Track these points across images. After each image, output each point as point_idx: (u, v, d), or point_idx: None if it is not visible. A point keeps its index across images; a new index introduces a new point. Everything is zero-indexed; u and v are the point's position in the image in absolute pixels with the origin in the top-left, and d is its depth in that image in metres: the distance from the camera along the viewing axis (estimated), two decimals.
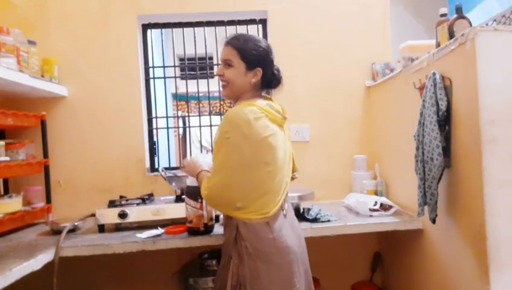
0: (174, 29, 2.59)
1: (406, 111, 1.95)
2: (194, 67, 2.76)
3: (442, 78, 1.53)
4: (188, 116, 3.19)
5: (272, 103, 1.55)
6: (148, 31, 2.58)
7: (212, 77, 2.69)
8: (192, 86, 2.64)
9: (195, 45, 2.60)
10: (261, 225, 1.43)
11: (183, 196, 1.86)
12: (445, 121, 1.52)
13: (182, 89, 2.84)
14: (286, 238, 1.45)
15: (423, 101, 1.58)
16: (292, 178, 1.67)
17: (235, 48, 1.48)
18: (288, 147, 1.57)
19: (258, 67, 1.48)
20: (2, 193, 2.24)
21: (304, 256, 1.56)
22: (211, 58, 2.77)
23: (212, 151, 1.61)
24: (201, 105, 2.82)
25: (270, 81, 1.54)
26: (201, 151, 2.86)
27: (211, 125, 2.66)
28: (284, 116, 1.54)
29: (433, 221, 1.57)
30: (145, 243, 1.73)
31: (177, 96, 4.14)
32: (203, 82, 2.63)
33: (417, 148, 1.62)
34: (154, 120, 2.60)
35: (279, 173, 1.46)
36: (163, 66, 2.72)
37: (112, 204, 2.00)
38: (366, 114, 2.53)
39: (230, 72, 1.49)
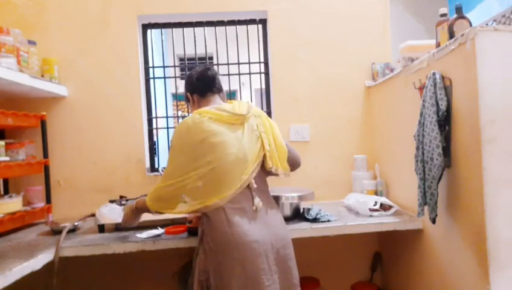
0: (174, 29, 2.59)
1: (406, 111, 1.95)
2: (194, 67, 2.74)
3: (442, 78, 1.52)
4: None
5: (223, 105, 1.59)
6: (148, 31, 2.58)
7: None
8: None
9: (195, 45, 2.60)
10: (218, 218, 1.45)
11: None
12: (445, 121, 1.52)
13: (182, 89, 2.83)
14: (248, 233, 1.43)
15: (423, 101, 1.58)
16: (273, 174, 1.59)
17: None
18: (244, 145, 1.50)
19: (186, 93, 1.74)
20: (2, 193, 2.24)
21: (281, 256, 1.51)
22: (211, 58, 2.77)
23: None
24: None
25: (197, 88, 1.70)
26: None
27: None
28: (238, 113, 1.53)
29: (433, 221, 1.57)
30: (145, 243, 1.73)
31: (177, 96, 4.12)
32: None
33: (417, 148, 1.62)
34: (154, 120, 2.60)
35: (227, 168, 1.45)
36: (163, 66, 2.72)
37: None
38: (366, 114, 2.53)
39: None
